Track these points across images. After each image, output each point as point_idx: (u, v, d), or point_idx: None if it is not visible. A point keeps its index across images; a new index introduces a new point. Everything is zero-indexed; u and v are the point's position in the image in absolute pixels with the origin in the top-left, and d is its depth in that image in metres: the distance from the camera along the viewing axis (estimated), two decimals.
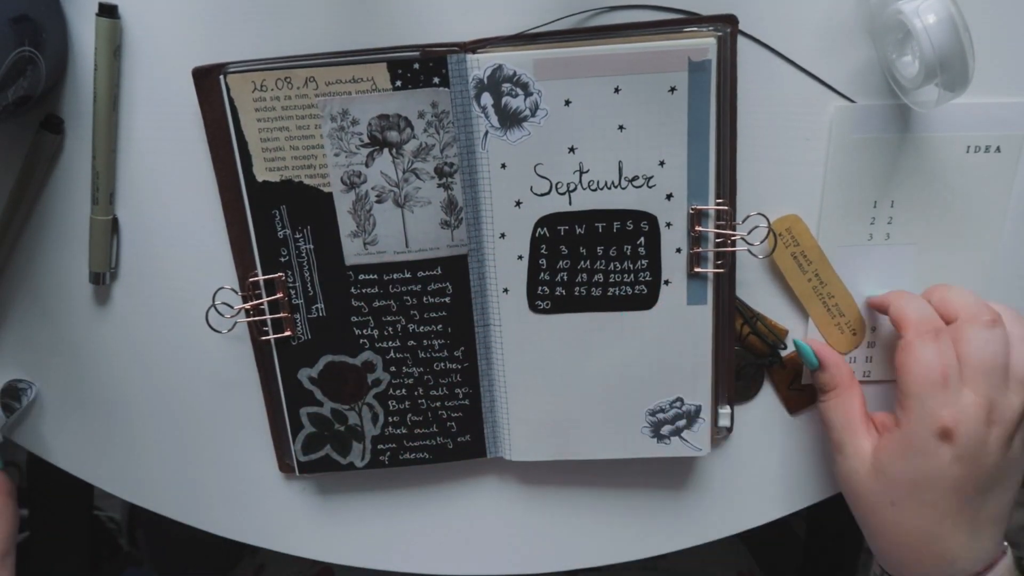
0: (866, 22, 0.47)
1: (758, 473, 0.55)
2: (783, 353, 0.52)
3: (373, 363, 0.51)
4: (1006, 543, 0.48)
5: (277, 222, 0.48)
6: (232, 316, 0.50)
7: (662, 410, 0.51)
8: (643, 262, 0.48)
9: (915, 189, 0.49)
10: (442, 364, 0.51)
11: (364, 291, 0.49)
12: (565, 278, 0.49)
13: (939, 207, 0.50)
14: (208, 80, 0.46)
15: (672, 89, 0.45)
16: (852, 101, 0.48)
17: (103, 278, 0.51)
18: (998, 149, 0.48)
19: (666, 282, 0.48)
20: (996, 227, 0.50)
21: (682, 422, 0.51)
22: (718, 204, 0.47)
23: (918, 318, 0.46)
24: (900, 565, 0.48)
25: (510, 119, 0.46)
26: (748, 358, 0.52)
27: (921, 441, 0.44)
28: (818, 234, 0.50)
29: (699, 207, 0.47)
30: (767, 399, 0.54)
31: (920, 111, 0.47)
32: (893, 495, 0.46)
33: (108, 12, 0.46)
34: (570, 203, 0.47)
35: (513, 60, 0.45)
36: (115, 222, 0.50)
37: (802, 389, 0.53)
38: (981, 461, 0.44)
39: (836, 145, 0.48)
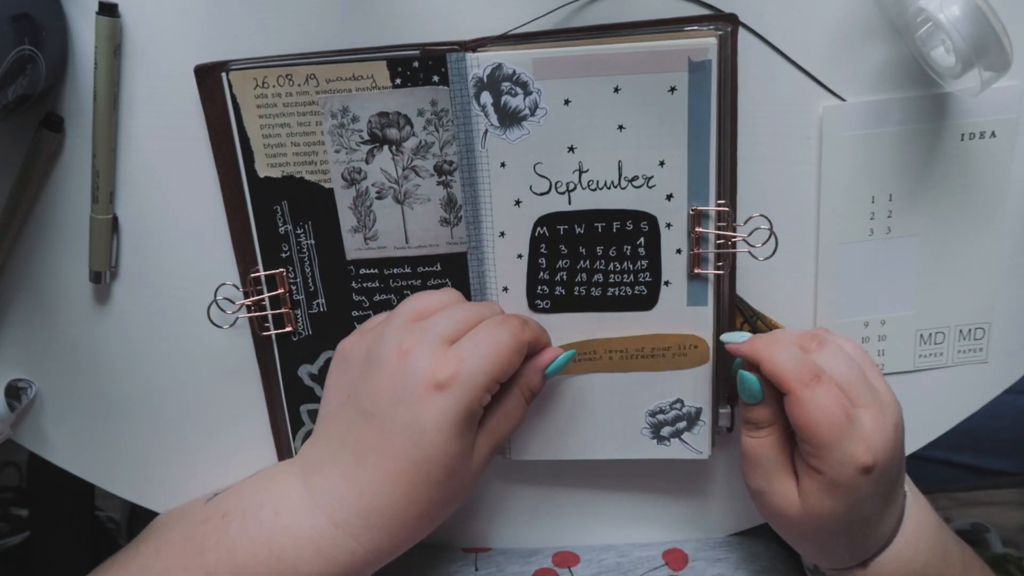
0: (881, 19, 0.46)
1: None
2: None
3: None
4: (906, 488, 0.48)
5: (278, 218, 0.48)
6: (233, 312, 0.50)
7: (662, 411, 0.51)
8: (643, 262, 0.48)
9: (912, 181, 0.49)
10: None
11: (365, 285, 0.49)
12: (565, 277, 0.48)
13: (938, 197, 0.50)
14: (210, 78, 0.46)
15: (672, 89, 0.45)
16: (842, 99, 0.48)
17: (103, 277, 0.51)
18: (993, 134, 0.48)
19: (666, 283, 0.48)
20: (997, 212, 0.50)
21: (682, 424, 0.51)
22: (719, 205, 0.47)
23: (795, 367, 0.43)
24: (834, 560, 0.48)
25: (509, 118, 0.46)
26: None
27: (847, 481, 0.43)
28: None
29: (699, 208, 0.47)
30: None
31: (968, 97, 0.47)
32: (828, 527, 0.45)
33: (108, 11, 0.46)
34: (570, 203, 0.47)
35: (512, 59, 0.45)
36: (115, 221, 0.50)
37: None
38: (892, 459, 0.44)
39: (828, 144, 0.48)
